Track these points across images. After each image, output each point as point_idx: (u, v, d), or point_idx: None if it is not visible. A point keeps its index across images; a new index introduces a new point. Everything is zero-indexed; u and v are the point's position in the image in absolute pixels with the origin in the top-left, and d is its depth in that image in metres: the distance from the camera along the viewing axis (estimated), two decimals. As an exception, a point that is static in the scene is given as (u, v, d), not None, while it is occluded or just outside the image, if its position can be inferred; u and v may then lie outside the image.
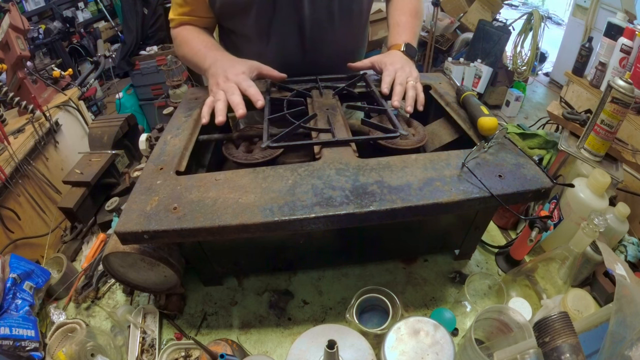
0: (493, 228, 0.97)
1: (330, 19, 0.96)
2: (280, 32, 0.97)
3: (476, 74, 3.34)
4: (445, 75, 1.00)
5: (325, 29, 0.98)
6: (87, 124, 1.97)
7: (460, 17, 3.59)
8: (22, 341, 0.71)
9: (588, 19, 3.22)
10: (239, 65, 0.84)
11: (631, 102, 0.82)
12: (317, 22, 0.96)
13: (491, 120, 0.72)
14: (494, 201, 0.60)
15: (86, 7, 3.99)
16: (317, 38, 0.98)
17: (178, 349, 0.74)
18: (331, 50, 1.02)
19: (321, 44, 1.00)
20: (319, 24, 0.96)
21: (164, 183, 0.66)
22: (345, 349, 0.60)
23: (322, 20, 0.96)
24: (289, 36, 0.97)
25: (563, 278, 0.74)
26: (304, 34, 0.97)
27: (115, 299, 0.86)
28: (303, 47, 0.99)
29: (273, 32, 0.97)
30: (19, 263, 0.79)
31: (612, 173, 0.89)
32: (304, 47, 0.99)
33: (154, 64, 2.96)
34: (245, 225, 0.57)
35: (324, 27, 0.97)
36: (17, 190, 1.46)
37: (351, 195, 0.60)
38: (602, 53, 1.90)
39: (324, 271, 0.87)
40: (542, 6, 6.47)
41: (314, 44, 0.99)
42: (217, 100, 0.75)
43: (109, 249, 0.69)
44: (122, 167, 1.17)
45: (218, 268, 0.81)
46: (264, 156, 0.77)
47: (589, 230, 0.67)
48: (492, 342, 0.68)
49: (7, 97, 1.60)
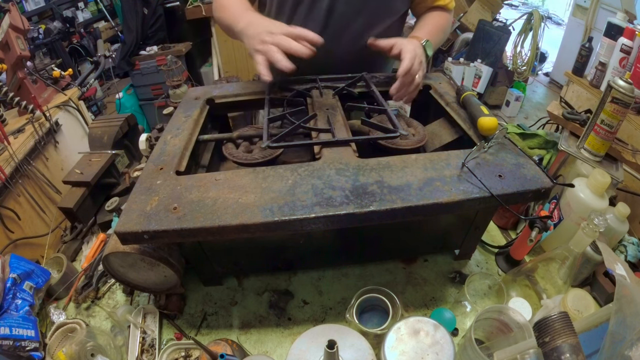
0: (493, 228, 0.97)
1: (356, 12, 0.98)
2: (304, 15, 0.98)
3: (476, 74, 3.34)
4: (445, 75, 0.99)
5: (349, 22, 0.99)
6: (87, 124, 1.97)
7: (460, 17, 3.59)
8: (22, 341, 0.71)
9: (588, 19, 3.21)
10: (278, 24, 0.82)
11: (631, 102, 0.82)
12: (343, 13, 0.97)
13: (491, 120, 0.72)
14: (494, 201, 0.60)
15: (86, 7, 3.99)
16: (338, 28, 0.99)
17: (178, 349, 0.74)
18: (350, 44, 1.02)
19: (341, 36, 1.01)
20: (344, 15, 0.97)
21: (164, 183, 0.66)
22: (345, 349, 0.60)
23: (348, 12, 0.97)
24: (311, 21, 0.98)
25: (563, 278, 0.74)
26: (328, 22, 0.98)
27: (115, 299, 0.86)
28: (322, 35, 0.99)
29: (297, 15, 0.99)
30: (19, 263, 0.79)
31: (612, 173, 0.89)
32: (322, 35, 0.99)
33: (154, 64, 2.96)
34: (245, 225, 0.57)
35: (349, 19, 0.98)
36: (17, 190, 1.46)
37: (351, 195, 0.60)
38: (602, 53, 1.90)
39: (324, 271, 0.87)
40: (542, 6, 6.47)
41: (333, 34, 1.00)
42: (271, 52, 0.75)
43: (109, 249, 0.69)
44: (122, 167, 1.17)
45: (218, 268, 0.81)
46: (264, 156, 0.77)
47: (589, 230, 0.67)
48: (492, 342, 0.68)
49: (7, 97, 1.60)
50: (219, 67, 3.32)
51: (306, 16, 0.99)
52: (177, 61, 1.42)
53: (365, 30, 1.01)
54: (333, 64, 1.00)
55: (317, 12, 0.97)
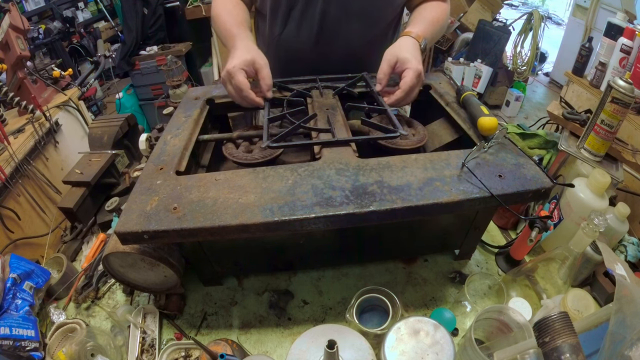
0: (493, 228, 0.97)
1: (350, 15, 0.98)
2: (298, 19, 0.99)
3: (476, 74, 3.34)
4: (445, 75, 0.99)
5: (340, 25, 0.99)
6: (87, 124, 1.97)
7: (460, 17, 3.59)
8: (22, 341, 0.71)
9: (588, 19, 3.21)
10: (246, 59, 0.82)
11: (631, 102, 0.82)
12: (334, 17, 0.97)
13: (491, 120, 0.72)
14: (494, 201, 0.60)
15: (86, 7, 3.98)
16: (331, 32, 1.00)
17: (178, 349, 0.74)
18: (344, 47, 1.02)
19: (335, 39, 1.01)
20: (335, 19, 0.98)
21: (164, 183, 0.66)
22: (345, 349, 0.60)
23: (341, 16, 0.97)
24: (305, 25, 0.99)
25: (563, 278, 0.74)
26: (321, 25, 0.98)
27: (115, 299, 0.86)
28: (317, 38, 1.01)
29: (291, 18, 0.99)
30: (19, 263, 0.79)
31: (612, 173, 0.89)
32: (317, 38, 1.01)
33: (154, 64, 2.97)
34: (245, 225, 0.57)
35: (340, 23, 0.99)
36: (17, 190, 1.46)
37: (351, 195, 0.60)
38: (602, 53, 1.90)
39: (324, 271, 0.87)
40: (542, 6, 6.47)
41: (328, 37, 1.00)
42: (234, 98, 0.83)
43: (109, 249, 0.69)
44: (122, 167, 1.17)
45: (218, 268, 0.81)
46: (264, 156, 0.77)
47: (589, 230, 0.67)
48: (492, 342, 0.68)
49: (7, 97, 1.60)
50: (219, 67, 3.32)
51: (300, 20, 0.99)
52: (177, 61, 1.42)
53: (359, 33, 1.01)
54: (328, 66, 1.00)
55: (311, 16, 0.97)
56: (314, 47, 1.02)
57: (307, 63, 1.02)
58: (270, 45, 1.06)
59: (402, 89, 0.82)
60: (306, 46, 1.02)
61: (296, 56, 1.03)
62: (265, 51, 0.90)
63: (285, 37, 1.03)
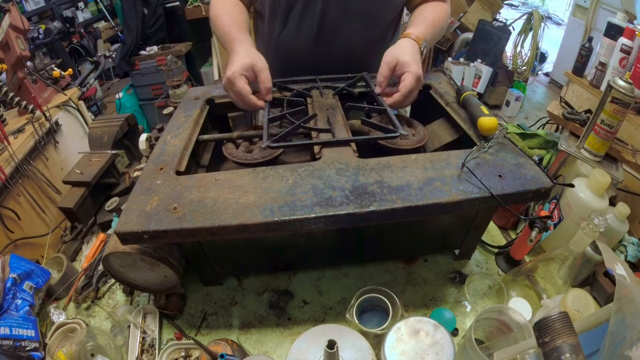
0: (493, 228, 0.97)
1: (350, 15, 0.98)
2: (297, 20, 0.99)
3: (476, 74, 3.34)
4: (445, 75, 0.99)
5: (340, 26, 0.99)
6: (87, 124, 1.97)
7: (460, 17, 3.59)
8: (22, 341, 0.71)
9: (588, 19, 3.21)
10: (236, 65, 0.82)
11: (631, 102, 0.82)
12: (334, 17, 0.97)
13: (491, 120, 0.72)
14: (494, 201, 0.60)
15: (86, 7, 3.98)
16: (331, 32, 0.99)
17: (178, 349, 0.74)
18: (343, 47, 1.02)
19: (334, 39, 1.01)
20: (335, 19, 0.97)
21: (164, 183, 0.66)
22: (345, 349, 0.60)
23: (341, 16, 0.97)
24: (304, 25, 0.99)
25: (563, 278, 0.74)
26: (321, 25, 0.98)
27: (115, 299, 0.86)
28: (316, 38, 1.00)
29: (291, 19, 0.99)
30: (19, 263, 0.79)
31: (612, 173, 0.89)
32: (317, 39, 1.00)
33: (154, 64, 2.97)
34: (245, 225, 0.57)
35: (340, 23, 0.98)
36: (17, 190, 1.46)
37: (351, 195, 0.60)
38: (602, 53, 1.90)
39: (324, 271, 0.87)
40: (542, 6, 6.47)
41: (327, 37, 1.00)
42: (236, 102, 0.84)
43: (109, 249, 0.69)
44: (122, 167, 1.17)
45: (218, 268, 0.81)
46: (264, 156, 0.77)
47: (589, 230, 0.67)
48: (492, 342, 0.68)
49: (7, 97, 1.60)
50: (219, 67, 3.32)
51: (299, 20, 0.99)
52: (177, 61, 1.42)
53: (359, 33, 1.01)
54: (328, 67, 1.00)
55: (310, 16, 0.97)
56: (314, 47, 1.02)
57: (306, 64, 1.02)
58: (270, 45, 1.06)
59: (400, 93, 0.81)
60: (305, 47, 1.02)
61: (295, 57, 1.03)
62: (265, 52, 0.90)
63: (285, 38, 1.03)
